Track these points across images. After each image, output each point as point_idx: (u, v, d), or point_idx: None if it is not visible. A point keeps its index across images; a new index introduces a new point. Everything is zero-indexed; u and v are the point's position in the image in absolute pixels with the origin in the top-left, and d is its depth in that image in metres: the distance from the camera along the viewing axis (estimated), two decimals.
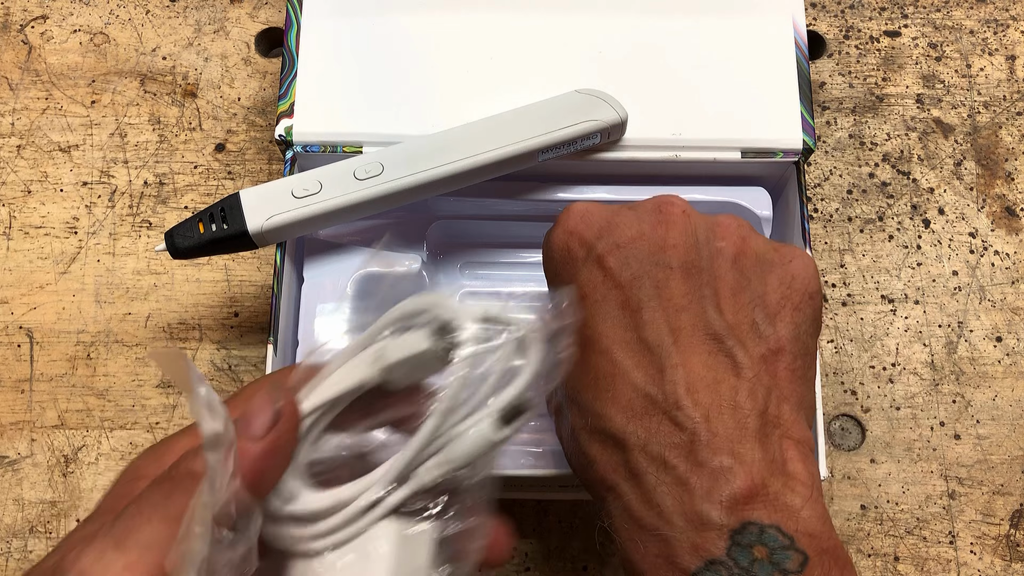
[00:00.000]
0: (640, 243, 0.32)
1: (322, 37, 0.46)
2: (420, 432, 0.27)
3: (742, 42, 0.47)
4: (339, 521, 0.27)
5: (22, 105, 0.55)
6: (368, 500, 0.27)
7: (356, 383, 0.28)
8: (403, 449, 0.27)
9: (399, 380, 0.29)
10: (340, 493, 0.27)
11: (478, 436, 0.27)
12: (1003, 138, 0.54)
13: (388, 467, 0.27)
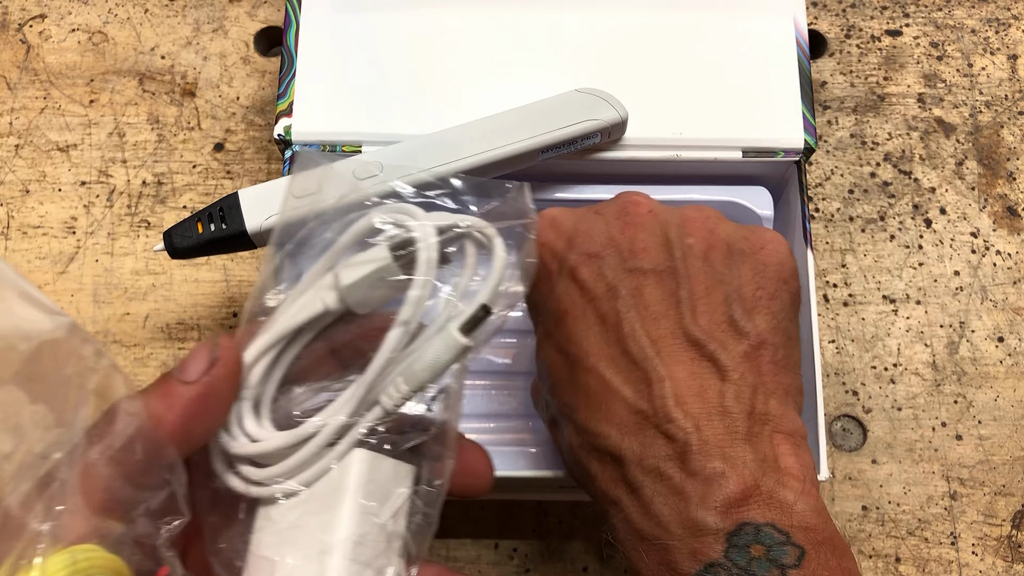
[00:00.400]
0: (610, 250, 0.32)
1: (321, 36, 0.46)
2: (382, 348, 0.26)
3: (743, 41, 0.46)
4: (303, 457, 0.26)
5: (20, 104, 0.54)
6: (332, 430, 0.26)
7: (315, 312, 0.28)
8: (366, 370, 0.27)
9: (365, 303, 0.28)
10: (303, 428, 0.27)
11: (441, 343, 0.27)
12: (1005, 137, 0.54)
13: (351, 391, 0.27)
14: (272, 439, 0.27)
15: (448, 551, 0.46)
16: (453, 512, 0.47)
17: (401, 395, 0.27)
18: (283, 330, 0.28)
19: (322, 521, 0.26)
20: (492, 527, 0.47)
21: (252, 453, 0.27)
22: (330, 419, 0.26)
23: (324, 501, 0.26)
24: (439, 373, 0.27)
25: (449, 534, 0.47)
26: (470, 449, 0.30)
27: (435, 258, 0.27)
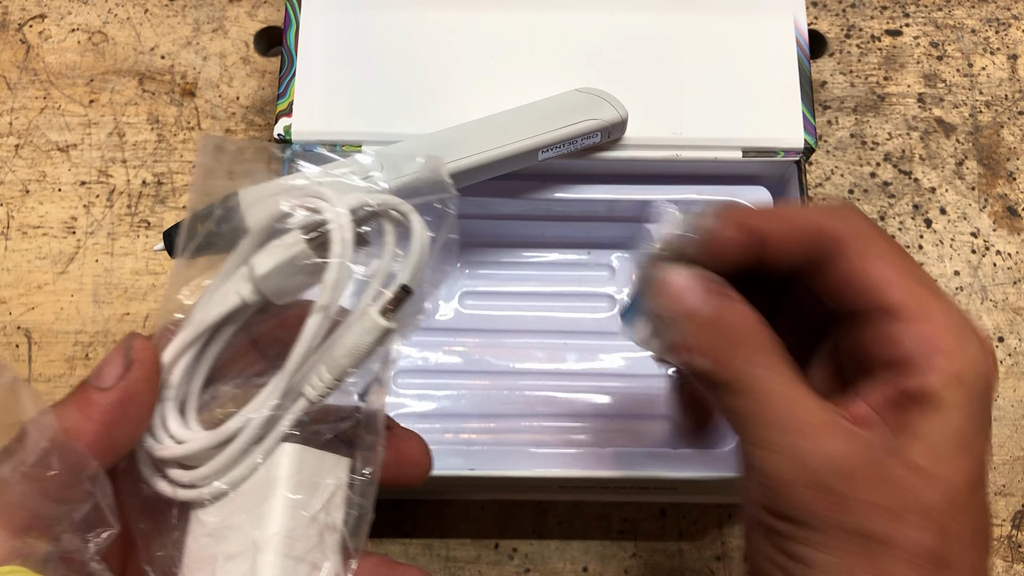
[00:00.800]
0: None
1: (321, 36, 0.46)
2: (301, 337, 0.26)
3: (743, 41, 0.46)
4: (229, 456, 0.26)
5: (20, 104, 0.54)
6: (256, 426, 0.26)
7: (233, 306, 0.27)
8: (287, 360, 0.26)
9: (283, 293, 0.27)
10: (226, 426, 0.26)
11: (360, 328, 0.26)
12: (1005, 137, 0.54)
13: (272, 384, 0.26)
14: (196, 440, 0.26)
15: (448, 551, 0.46)
16: (453, 512, 0.47)
17: (324, 384, 0.26)
18: (201, 326, 0.27)
19: (253, 518, 0.25)
20: (492, 527, 0.47)
21: (178, 455, 0.26)
22: (253, 414, 0.26)
23: (254, 498, 0.26)
24: (362, 359, 0.26)
25: (449, 534, 0.47)
26: (405, 437, 0.30)
27: (349, 239, 0.26)
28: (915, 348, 0.26)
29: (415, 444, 0.30)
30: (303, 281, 0.27)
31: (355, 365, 0.26)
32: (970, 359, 0.26)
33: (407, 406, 0.46)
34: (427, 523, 0.47)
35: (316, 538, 0.26)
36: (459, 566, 0.46)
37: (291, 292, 0.27)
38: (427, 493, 0.47)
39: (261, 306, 0.27)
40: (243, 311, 0.27)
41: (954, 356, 0.26)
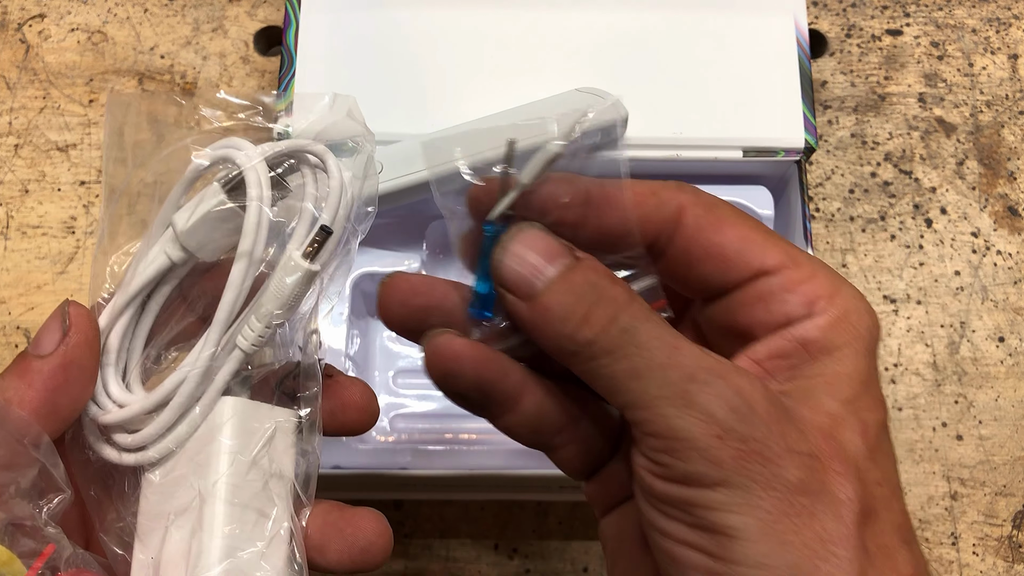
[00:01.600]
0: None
1: (321, 36, 0.46)
2: (227, 287, 0.26)
3: (743, 40, 0.46)
4: (170, 414, 0.26)
5: (20, 104, 0.54)
6: (194, 382, 0.26)
7: (162, 266, 0.27)
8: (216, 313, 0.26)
9: (211, 248, 0.27)
10: (164, 385, 0.26)
11: (283, 272, 0.26)
12: (1005, 137, 0.54)
13: (205, 337, 0.26)
14: (137, 402, 0.26)
15: (448, 551, 0.46)
16: (453, 512, 0.47)
17: (256, 333, 0.26)
18: (134, 289, 0.27)
19: (197, 470, 0.26)
20: (492, 527, 0.47)
21: (121, 420, 0.26)
22: (189, 371, 0.26)
23: (199, 454, 0.26)
24: (290, 304, 0.26)
25: (449, 534, 0.47)
26: (348, 384, 0.29)
27: (265, 181, 0.26)
28: (794, 298, 0.25)
29: (358, 390, 0.29)
30: (229, 233, 0.26)
31: (284, 310, 0.26)
32: (850, 300, 0.25)
33: (407, 406, 0.46)
34: (427, 523, 0.47)
35: (260, 485, 0.26)
36: (459, 566, 0.46)
37: (220, 247, 0.27)
38: (427, 493, 0.46)
39: (194, 264, 0.27)
40: (174, 270, 0.27)
41: (834, 299, 0.25)
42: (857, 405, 0.24)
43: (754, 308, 0.26)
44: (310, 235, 0.26)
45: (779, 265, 0.26)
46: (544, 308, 0.25)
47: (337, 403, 0.29)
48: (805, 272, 0.25)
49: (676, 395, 0.23)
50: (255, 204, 0.25)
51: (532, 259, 0.25)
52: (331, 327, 0.44)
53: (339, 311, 0.44)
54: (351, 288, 0.44)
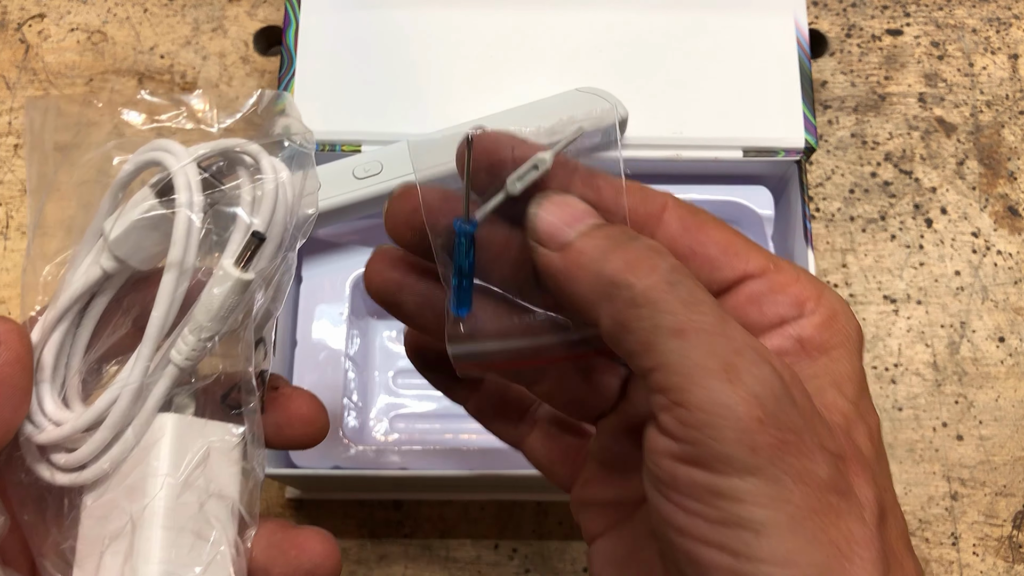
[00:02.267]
0: None
1: (321, 36, 0.46)
2: (157, 299, 0.24)
3: (744, 40, 0.46)
4: (105, 433, 0.25)
5: (19, 104, 0.54)
6: (128, 399, 0.24)
7: (95, 277, 0.25)
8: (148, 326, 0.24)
9: (146, 257, 0.26)
10: (99, 403, 0.25)
11: (216, 282, 0.24)
12: (1006, 137, 0.54)
13: (137, 353, 0.25)
14: (72, 420, 0.25)
15: (448, 551, 0.46)
16: (453, 512, 0.47)
17: (190, 348, 0.24)
18: (67, 301, 0.25)
19: (130, 494, 0.25)
20: (492, 527, 0.47)
21: (57, 439, 0.25)
22: (122, 389, 0.25)
23: (132, 474, 0.25)
24: (222, 316, 0.24)
25: (449, 534, 0.47)
26: (294, 396, 0.28)
27: (195, 186, 0.24)
28: (784, 299, 0.25)
29: (304, 402, 0.28)
30: (162, 240, 0.25)
31: (216, 323, 0.24)
32: (835, 302, 0.25)
33: (407, 406, 0.46)
34: (427, 523, 0.47)
35: (196, 507, 0.25)
36: (459, 566, 0.46)
37: (154, 253, 0.26)
38: (427, 493, 0.46)
39: (130, 273, 0.26)
40: (109, 280, 0.26)
41: (820, 301, 0.25)
42: (860, 407, 0.24)
43: (747, 310, 0.25)
44: (242, 242, 0.24)
45: (763, 268, 0.25)
46: (578, 252, 0.23)
47: (283, 416, 0.27)
48: (789, 276, 0.25)
49: (722, 367, 0.21)
50: (183, 211, 0.24)
51: (567, 211, 0.24)
52: (331, 327, 0.44)
53: (339, 311, 0.44)
54: (351, 288, 0.44)
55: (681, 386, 0.21)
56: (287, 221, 0.25)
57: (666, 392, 0.22)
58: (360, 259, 0.45)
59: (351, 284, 0.44)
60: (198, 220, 0.24)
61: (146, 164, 0.25)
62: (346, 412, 0.44)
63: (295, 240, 0.26)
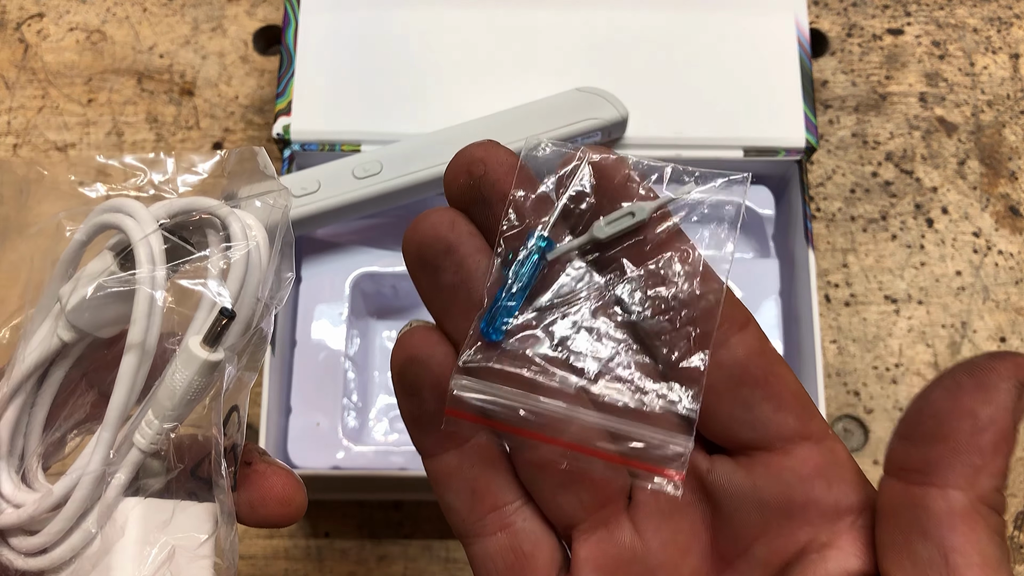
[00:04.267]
0: None
1: (320, 35, 0.46)
2: (116, 383, 0.22)
3: (744, 40, 0.46)
4: (65, 519, 0.23)
5: (18, 104, 0.54)
6: (88, 484, 0.22)
7: (52, 348, 0.23)
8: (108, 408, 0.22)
9: (106, 325, 0.23)
10: (58, 486, 0.23)
11: (182, 364, 0.22)
12: (1007, 137, 0.54)
13: (97, 437, 0.23)
14: (30, 504, 0.23)
15: (448, 552, 0.46)
16: None
17: (154, 432, 0.23)
18: (22, 374, 0.23)
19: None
20: None
21: (15, 522, 0.23)
22: (83, 473, 0.22)
23: (96, 565, 0.23)
24: (192, 399, 0.23)
25: (449, 535, 0.46)
26: (269, 473, 0.26)
27: (158, 255, 0.22)
28: (849, 476, 0.23)
29: (280, 480, 0.25)
30: (124, 306, 0.23)
31: (184, 406, 0.23)
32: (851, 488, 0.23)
33: None
34: (427, 524, 0.46)
35: None
36: (459, 567, 0.46)
37: (115, 322, 0.23)
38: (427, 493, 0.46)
39: (91, 340, 0.24)
40: (68, 350, 0.24)
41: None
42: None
43: (813, 484, 0.22)
44: (209, 318, 0.22)
45: (823, 434, 0.23)
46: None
47: (256, 495, 0.25)
48: (840, 446, 0.23)
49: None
50: (143, 289, 0.22)
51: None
52: (331, 327, 0.43)
53: (339, 311, 0.44)
54: (351, 288, 0.44)
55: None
56: (259, 291, 0.23)
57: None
58: (360, 259, 0.45)
59: (351, 284, 0.44)
60: (160, 297, 0.22)
61: (103, 227, 0.23)
62: (346, 412, 0.44)
63: (269, 309, 0.24)
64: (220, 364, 0.23)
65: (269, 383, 0.41)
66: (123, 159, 0.25)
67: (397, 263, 0.45)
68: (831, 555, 0.22)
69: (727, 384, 0.23)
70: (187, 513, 0.24)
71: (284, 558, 0.46)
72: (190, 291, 0.23)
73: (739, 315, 0.23)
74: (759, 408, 0.23)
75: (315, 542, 0.46)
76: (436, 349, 0.23)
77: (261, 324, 0.23)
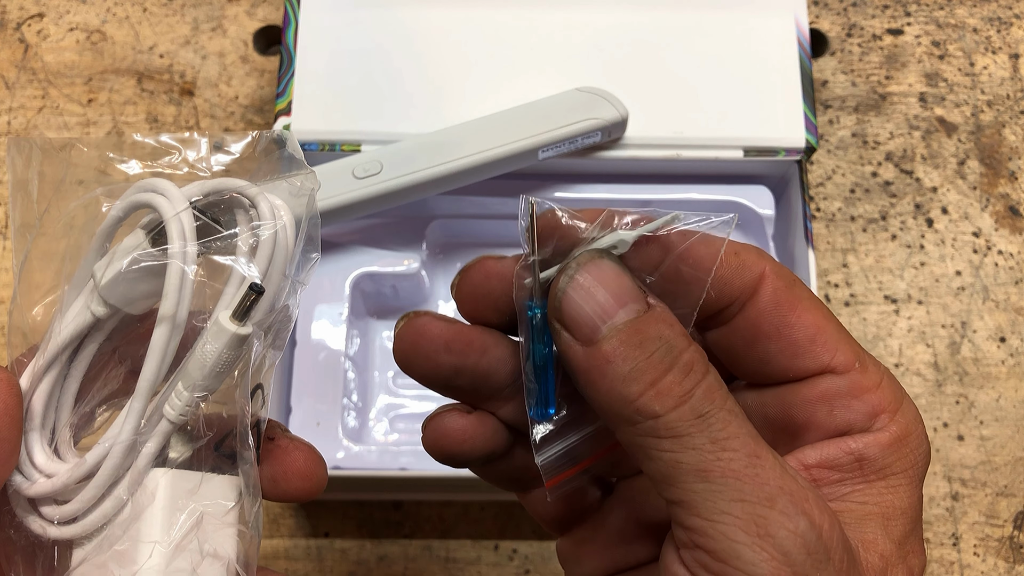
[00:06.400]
0: None
1: (320, 35, 0.46)
2: (149, 352, 0.23)
3: (744, 40, 0.46)
4: (96, 488, 0.24)
5: (19, 104, 0.54)
6: (120, 453, 0.23)
7: (86, 322, 0.24)
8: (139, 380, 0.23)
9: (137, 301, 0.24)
10: (90, 456, 0.24)
11: (212, 337, 0.23)
12: (1006, 137, 0.54)
13: (128, 408, 0.24)
14: (65, 472, 0.24)
15: (448, 552, 0.46)
16: (453, 513, 0.47)
17: (183, 403, 0.23)
18: (56, 347, 0.24)
19: (118, 557, 0.23)
20: (492, 528, 0.47)
21: (48, 491, 0.24)
22: (112, 445, 0.23)
23: (123, 533, 0.24)
24: (219, 371, 0.23)
25: (449, 535, 0.46)
26: (291, 449, 0.27)
27: (189, 233, 0.23)
28: (859, 406, 0.23)
29: (302, 455, 0.26)
30: (155, 283, 0.24)
31: (213, 377, 0.23)
32: (911, 421, 0.23)
33: (407, 407, 0.46)
34: (427, 524, 0.47)
35: (188, 572, 0.24)
36: (459, 567, 0.46)
37: (147, 297, 0.24)
38: (427, 493, 0.46)
39: (123, 316, 0.25)
40: (100, 325, 0.25)
41: (896, 416, 0.23)
42: (906, 548, 0.22)
43: (815, 408, 0.23)
44: (239, 293, 0.23)
45: (847, 365, 0.23)
46: (604, 359, 0.21)
47: (279, 469, 0.26)
48: (873, 379, 0.23)
49: (750, 519, 0.20)
50: (175, 263, 0.23)
51: (600, 296, 0.21)
52: (331, 327, 0.43)
53: (339, 311, 0.44)
54: (351, 288, 0.44)
55: (704, 531, 0.20)
56: (287, 269, 0.24)
57: (688, 531, 0.21)
58: (360, 259, 0.45)
59: (351, 284, 0.44)
60: (191, 271, 0.23)
61: (137, 205, 0.24)
62: (346, 412, 0.44)
63: (296, 287, 0.25)
64: (248, 338, 0.23)
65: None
66: (159, 138, 0.25)
67: (397, 263, 0.45)
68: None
69: (742, 345, 0.24)
70: (213, 483, 0.24)
71: (284, 558, 0.46)
72: (220, 271, 0.24)
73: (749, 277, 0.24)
74: (775, 360, 0.24)
75: (315, 542, 0.46)
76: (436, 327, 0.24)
77: (287, 302, 0.24)
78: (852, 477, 0.23)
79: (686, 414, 0.21)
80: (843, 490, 0.23)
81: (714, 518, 0.20)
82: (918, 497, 0.23)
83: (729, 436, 0.20)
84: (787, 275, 0.24)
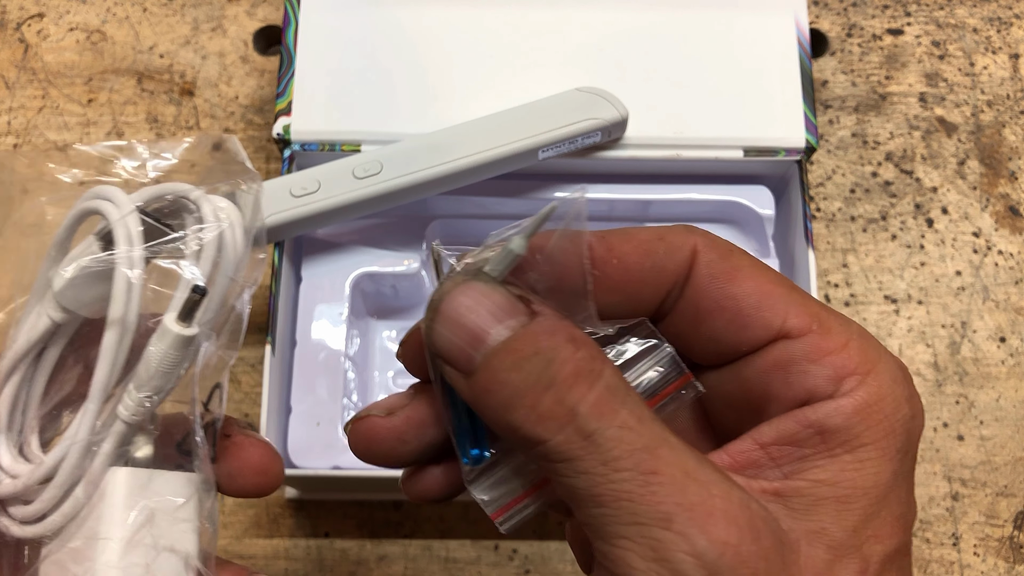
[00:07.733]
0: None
1: (320, 35, 0.46)
2: (100, 355, 0.24)
3: (744, 40, 0.46)
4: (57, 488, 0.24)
5: (19, 104, 0.54)
6: (77, 454, 0.24)
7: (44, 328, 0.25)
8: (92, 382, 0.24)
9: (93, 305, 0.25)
10: (50, 456, 0.24)
11: (158, 339, 0.24)
12: (1007, 137, 0.54)
13: (83, 410, 0.24)
14: (26, 474, 0.25)
15: (448, 552, 0.46)
16: (453, 513, 0.47)
17: (135, 404, 0.24)
18: (18, 352, 0.25)
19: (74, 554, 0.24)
20: (492, 528, 0.46)
21: (13, 492, 0.25)
22: (70, 446, 0.24)
23: (87, 529, 0.24)
24: (165, 371, 0.24)
25: (449, 535, 0.46)
26: (247, 445, 0.27)
27: (135, 237, 0.24)
28: (819, 371, 0.21)
29: (258, 451, 0.27)
30: (107, 289, 0.24)
31: (160, 377, 0.24)
32: (887, 382, 0.21)
33: None
34: (427, 524, 0.47)
35: (142, 568, 0.24)
36: (459, 567, 0.46)
37: (101, 301, 0.25)
38: None
39: (81, 321, 0.26)
40: (60, 330, 0.26)
41: (867, 379, 0.21)
42: (865, 534, 0.20)
43: (770, 377, 0.22)
44: (184, 296, 0.24)
45: (804, 328, 0.22)
46: (483, 389, 0.20)
47: (235, 465, 0.26)
48: (837, 340, 0.21)
49: (646, 543, 0.19)
50: (120, 268, 0.23)
51: (468, 321, 0.20)
52: (331, 327, 0.43)
53: (339, 311, 0.44)
54: (351, 288, 0.44)
55: (607, 555, 0.19)
56: (232, 271, 0.25)
57: (595, 548, 0.20)
58: (360, 259, 0.45)
59: (351, 284, 0.44)
60: (138, 275, 0.24)
61: (87, 213, 0.25)
62: (346, 412, 0.44)
63: (243, 288, 0.25)
64: (194, 339, 0.24)
65: (269, 383, 0.41)
66: (97, 147, 0.26)
67: (397, 263, 0.45)
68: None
69: (689, 329, 0.23)
70: (164, 479, 0.25)
71: (284, 558, 0.46)
72: (174, 274, 0.24)
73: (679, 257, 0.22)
74: (723, 337, 0.22)
75: (315, 542, 0.46)
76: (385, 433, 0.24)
77: (234, 303, 0.25)
78: (816, 452, 0.21)
79: (572, 436, 0.19)
80: (804, 467, 0.21)
81: (613, 543, 0.19)
82: (892, 472, 0.21)
83: (620, 456, 0.19)
84: (722, 245, 0.23)
